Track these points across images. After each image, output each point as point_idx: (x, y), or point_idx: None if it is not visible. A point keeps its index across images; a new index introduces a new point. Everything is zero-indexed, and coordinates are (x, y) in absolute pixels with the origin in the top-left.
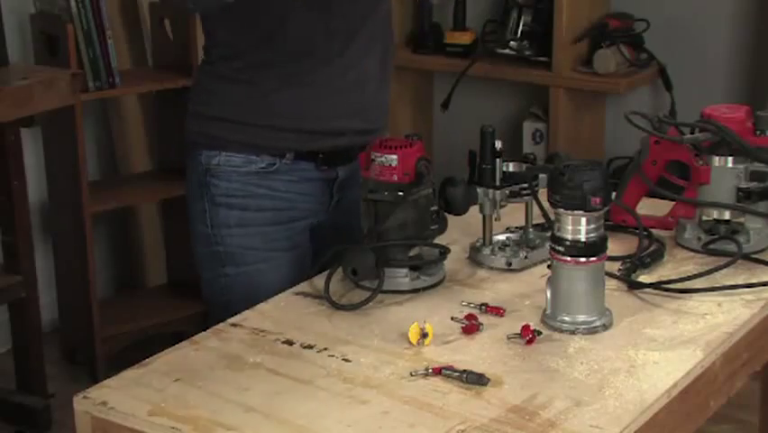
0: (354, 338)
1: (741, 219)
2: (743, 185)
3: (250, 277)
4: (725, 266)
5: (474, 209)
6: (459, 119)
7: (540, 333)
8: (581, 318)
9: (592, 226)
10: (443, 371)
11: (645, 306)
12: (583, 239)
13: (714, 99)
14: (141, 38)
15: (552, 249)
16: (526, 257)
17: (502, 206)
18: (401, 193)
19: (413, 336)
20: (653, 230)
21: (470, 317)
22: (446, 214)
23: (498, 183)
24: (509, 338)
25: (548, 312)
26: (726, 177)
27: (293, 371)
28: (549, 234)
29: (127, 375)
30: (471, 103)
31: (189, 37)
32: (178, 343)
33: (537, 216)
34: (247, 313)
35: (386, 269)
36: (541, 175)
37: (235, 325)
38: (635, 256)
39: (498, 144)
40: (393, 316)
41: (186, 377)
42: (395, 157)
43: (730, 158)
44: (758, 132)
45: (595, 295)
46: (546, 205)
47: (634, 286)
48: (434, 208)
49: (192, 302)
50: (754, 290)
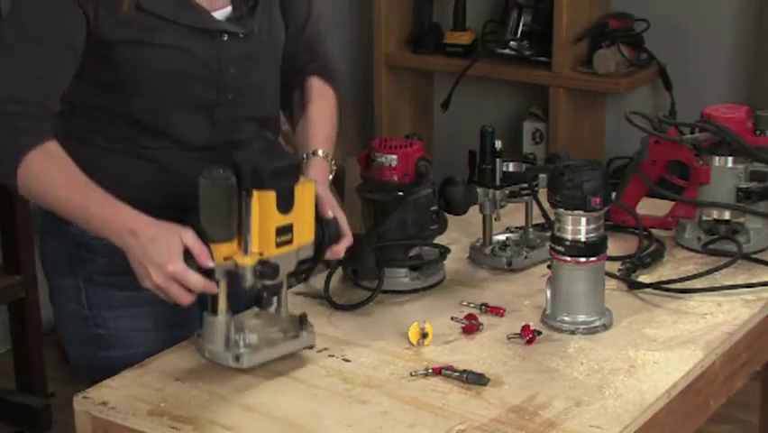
0: (354, 338)
1: (741, 219)
2: (743, 185)
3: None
4: (725, 266)
5: (474, 209)
6: (459, 119)
7: (540, 333)
8: (581, 318)
9: (592, 226)
10: (443, 371)
11: (645, 306)
12: (583, 239)
13: (714, 99)
14: None
15: (552, 249)
16: (526, 257)
17: (502, 206)
18: (401, 193)
19: (413, 336)
20: (653, 230)
21: (470, 317)
22: (446, 214)
23: (498, 183)
24: (509, 338)
25: (548, 312)
26: (726, 177)
27: (293, 371)
28: (549, 234)
29: (127, 375)
30: (471, 103)
31: None
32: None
33: (537, 216)
34: None
35: (386, 269)
36: (541, 175)
37: None
38: (635, 256)
39: (498, 144)
40: (393, 316)
41: (186, 377)
42: (395, 157)
43: (730, 158)
44: (758, 132)
45: (595, 295)
46: (546, 205)
47: (634, 286)
48: (434, 208)
49: None
50: (754, 290)
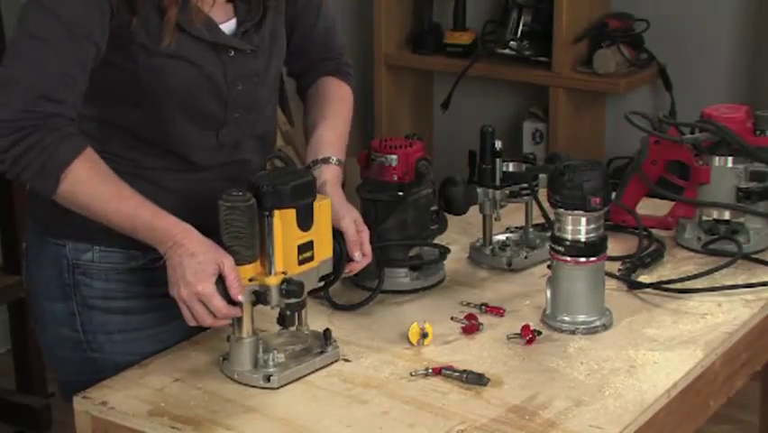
0: (354, 338)
1: (741, 219)
2: (743, 185)
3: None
4: (725, 266)
5: (474, 209)
6: (459, 119)
7: (540, 333)
8: (581, 318)
9: (592, 226)
10: (443, 371)
11: (645, 306)
12: (583, 239)
13: (714, 99)
14: None
15: (552, 249)
16: (526, 257)
17: (502, 206)
18: (401, 193)
19: (413, 336)
20: (653, 230)
21: (470, 317)
22: (446, 214)
23: (498, 183)
24: (509, 338)
25: (548, 312)
26: (726, 177)
27: None
28: (549, 234)
29: (127, 375)
30: (471, 103)
31: None
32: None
33: (537, 216)
34: None
35: (386, 269)
36: (541, 175)
37: None
38: (635, 256)
39: (498, 144)
40: (393, 316)
41: (186, 377)
42: (395, 157)
43: (730, 158)
44: (758, 132)
45: (595, 295)
46: (546, 205)
47: (634, 286)
48: (434, 208)
49: None
50: (754, 290)
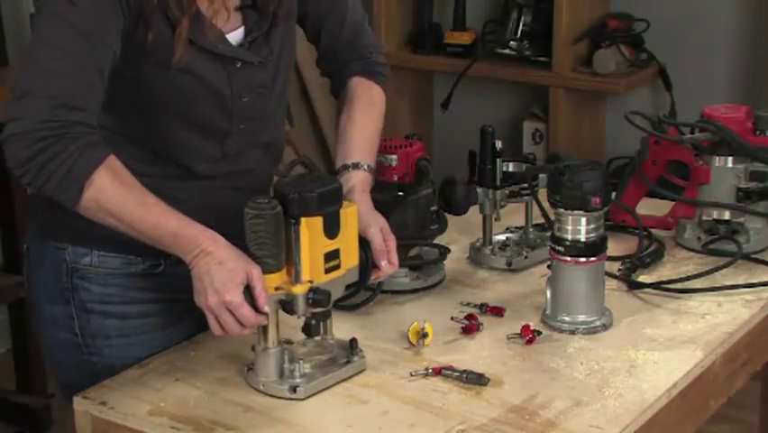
0: None
1: (741, 219)
2: (743, 185)
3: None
4: (725, 266)
5: (474, 209)
6: (459, 119)
7: (540, 333)
8: (581, 318)
9: (592, 226)
10: (443, 371)
11: (645, 306)
12: (583, 239)
13: (714, 99)
14: None
15: (552, 249)
16: (526, 257)
17: (502, 206)
18: (401, 193)
19: (413, 336)
20: (653, 230)
21: (470, 317)
22: (446, 214)
23: (498, 183)
24: (509, 338)
25: (548, 312)
26: (726, 177)
27: None
28: (549, 234)
29: (127, 375)
30: (471, 103)
31: None
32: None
33: (537, 216)
34: None
35: None
36: (541, 175)
37: None
38: (635, 256)
39: (498, 144)
40: (393, 316)
41: (186, 377)
42: (395, 157)
43: (730, 158)
44: (758, 132)
45: (595, 295)
46: (546, 205)
47: (634, 286)
48: (434, 208)
49: None
50: (754, 290)
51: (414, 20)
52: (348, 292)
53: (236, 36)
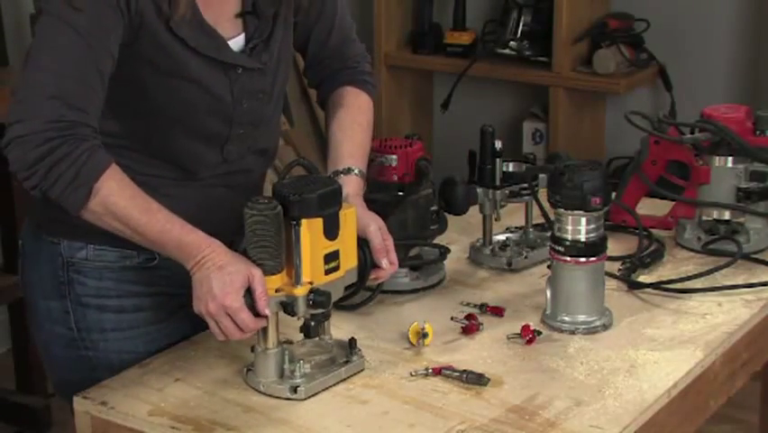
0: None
1: (741, 219)
2: (743, 185)
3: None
4: (725, 266)
5: (474, 209)
6: (459, 119)
7: (540, 333)
8: (581, 318)
9: (592, 226)
10: (443, 371)
11: (645, 306)
12: (583, 239)
13: (714, 99)
14: None
15: (552, 249)
16: (526, 257)
17: (502, 206)
18: (401, 193)
19: (413, 336)
20: (653, 230)
21: (470, 317)
22: (446, 214)
23: (498, 183)
24: (509, 338)
25: (548, 312)
26: (726, 177)
27: None
28: (549, 234)
29: (127, 375)
30: (471, 103)
31: None
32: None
33: (537, 216)
34: None
35: None
36: (541, 175)
37: None
38: (635, 256)
39: (498, 144)
40: (393, 316)
41: (186, 377)
42: (395, 157)
43: (730, 158)
44: (758, 132)
45: (595, 295)
46: (546, 205)
47: (634, 286)
48: (434, 208)
49: None
50: (754, 290)
51: (414, 20)
52: (347, 293)
53: (238, 42)
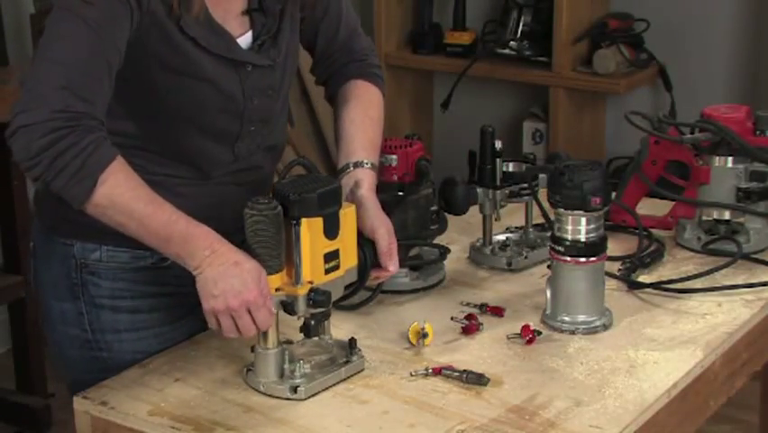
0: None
1: (741, 219)
2: (743, 185)
3: None
4: (725, 266)
5: (474, 209)
6: (459, 119)
7: (540, 333)
8: (581, 318)
9: (592, 226)
10: (443, 371)
11: (645, 306)
12: (583, 239)
13: (714, 99)
14: None
15: (552, 249)
16: (526, 257)
17: (502, 206)
18: (401, 193)
19: (413, 336)
20: (653, 230)
21: (470, 317)
22: (446, 214)
23: (498, 183)
24: (509, 338)
25: (548, 312)
26: (726, 177)
27: None
28: (549, 234)
29: (127, 375)
30: (471, 103)
31: None
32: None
33: (537, 216)
34: None
35: None
36: (541, 175)
37: None
38: (635, 256)
39: (498, 144)
40: (393, 316)
41: (186, 377)
42: (395, 157)
43: (730, 158)
44: (758, 132)
45: (595, 295)
46: (546, 205)
47: (634, 286)
48: (434, 208)
49: None
50: (754, 290)
51: (414, 20)
52: (347, 292)
53: (246, 40)
